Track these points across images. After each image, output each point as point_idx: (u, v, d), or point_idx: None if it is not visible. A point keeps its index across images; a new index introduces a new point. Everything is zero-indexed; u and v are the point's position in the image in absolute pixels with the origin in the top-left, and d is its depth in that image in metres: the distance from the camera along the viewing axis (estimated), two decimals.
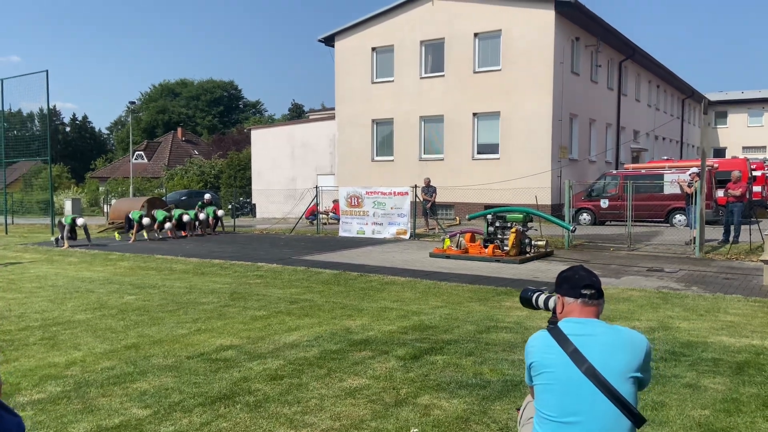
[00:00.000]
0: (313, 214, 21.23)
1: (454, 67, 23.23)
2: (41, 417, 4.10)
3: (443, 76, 23.57)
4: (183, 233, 19.25)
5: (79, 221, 16.98)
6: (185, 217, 19.18)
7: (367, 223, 17.52)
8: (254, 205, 30.61)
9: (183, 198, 33.55)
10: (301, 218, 20.81)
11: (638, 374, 2.28)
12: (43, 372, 5.10)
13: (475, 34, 22.79)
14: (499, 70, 22.30)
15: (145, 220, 18.12)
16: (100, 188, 44.74)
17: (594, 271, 2.53)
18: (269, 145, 29.88)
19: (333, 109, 28.66)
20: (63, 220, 17.11)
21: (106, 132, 79.78)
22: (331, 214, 23.10)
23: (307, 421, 4.00)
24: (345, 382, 4.75)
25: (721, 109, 46.21)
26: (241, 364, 5.29)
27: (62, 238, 16.37)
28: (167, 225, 18.49)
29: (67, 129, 70.84)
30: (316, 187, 20.32)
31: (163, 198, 27.70)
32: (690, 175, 14.38)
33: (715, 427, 3.73)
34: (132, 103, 44.18)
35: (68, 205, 27.57)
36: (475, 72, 22.88)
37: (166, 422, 3.99)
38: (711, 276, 10.17)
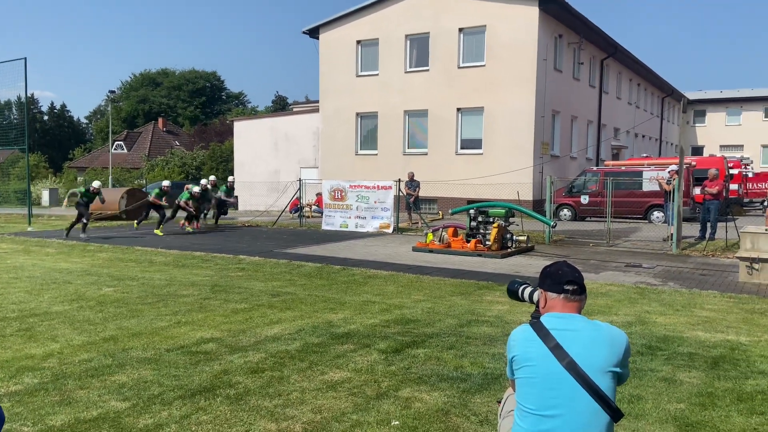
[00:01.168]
0: (296, 207, 21.16)
1: (439, 61, 23.25)
2: (18, 409, 4.05)
3: (428, 70, 23.58)
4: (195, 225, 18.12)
5: (96, 184, 16.28)
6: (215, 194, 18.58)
7: (350, 217, 17.51)
8: (236, 197, 30.38)
9: None
10: (284, 211, 20.72)
11: (617, 369, 2.31)
12: (19, 363, 5.03)
13: (460, 29, 22.82)
14: (484, 65, 22.37)
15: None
16: (79, 178, 44.08)
17: (576, 267, 2.56)
18: (252, 137, 29.68)
19: (317, 101, 28.54)
20: (77, 190, 16.40)
21: (85, 121, 78.63)
22: (314, 207, 23.04)
23: (288, 414, 3.99)
24: (326, 375, 4.76)
25: (699, 108, 46.88)
26: (222, 357, 5.27)
27: (82, 221, 15.70)
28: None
29: (45, 118, 69.58)
30: (300, 180, 20.24)
31: (144, 189, 27.37)
32: (669, 172, 14.58)
33: (690, 421, 3.81)
34: (112, 92, 43.51)
35: (45, 195, 27.14)
36: (459, 67, 22.92)
37: (145, 415, 3.96)
38: (687, 272, 10.34)
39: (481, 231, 12.73)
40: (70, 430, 3.74)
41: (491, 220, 12.67)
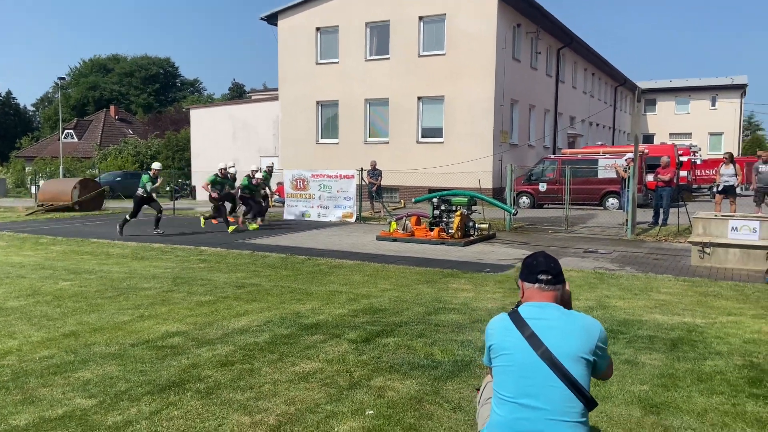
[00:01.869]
0: None
1: (400, 50, 23.23)
2: None
3: (388, 59, 23.53)
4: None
5: (156, 165, 14.42)
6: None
7: (312, 206, 17.41)
8: (194, 187, 29.82)
9: (118, 179, 32.31)
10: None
11: (590, 357, 2.36)
12: None
13: (420, 18, 22.83)
14: (444, 54, 22.46)
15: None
16: (27, 168, 42.42)
17: (555, 257, 2.60)
18: (209, 126, 29.11)
19: (276, 89, 28.15)
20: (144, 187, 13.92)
21: (32, 109, 75.52)
22: (275, 196, 22.78)
23: (261, 406, 3.96)
24: (298, 367, 4.73)
25: (650, 97, 48.26)
26: (189, 350, 5.18)
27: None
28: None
29: None
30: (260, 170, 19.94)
31: (96, 179, 26.55)
32: (626, 160, 14.99)
33: (654, 402, 3.94)
34: (61, 78, 41.86)
35: None
36: (419, 56, 22.96)
37: (113, 412, 3.86)
38: (643, 257, 10.68)
39: (444, 219, 12.84)
40: (35, 429, 3.62)
41: (454, 208, 12.79)
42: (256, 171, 15.57)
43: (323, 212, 17.23)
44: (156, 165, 14.61)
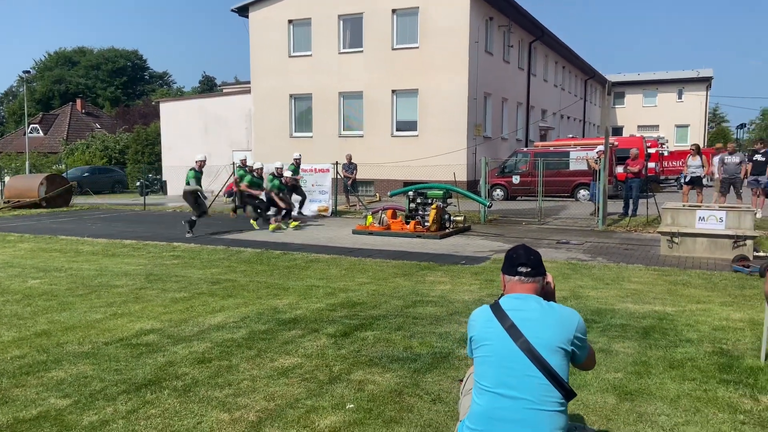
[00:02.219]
0: (230, 191, 20.66)
1: (373, 43, 23.16)
2: None
3: (362, 51, 23.45)
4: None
5: (199, 156, 13.56)
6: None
7: None
8: (165, 182, 29.36)
9: (86, 175, 31.65)
10: (217, 196, 20.21)
11: (567, 347, 2.40)
12: None
13: (393, 11, 22.78)
14: (417, 47, 22.47)
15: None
16: None
17: (536, 250, 2.64)
18: (180, 120, 28.65)
19: (248, 82, 27.84)
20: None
21: None
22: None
23: (240, 403, 3.94)
24: (276, 362, 4.71)
25: (619, 90, 49.02)
26: (165, 348, 5.12)
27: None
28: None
29: None
30: (233, 164, 19.72)
31: (64, 175, 25.96)
32: (597, 153, 15.21)
33: (628, 389, 4.03)
34: (26, 72, 40.74)
35: None
36: (393, 49, 22.92)
37: (88, 411, 3.80)
38: (614, 247, 10.87)
39: (420, 212, 12.89)
40: (10, 430, 3.54)
41: (430, 201, 12.84)
42: (281, 168, 14.51)
43: (298, 206, 17.11)
44: (199, 156, 13.53)
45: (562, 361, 2.38)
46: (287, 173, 14.75)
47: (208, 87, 66.06)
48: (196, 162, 13.49)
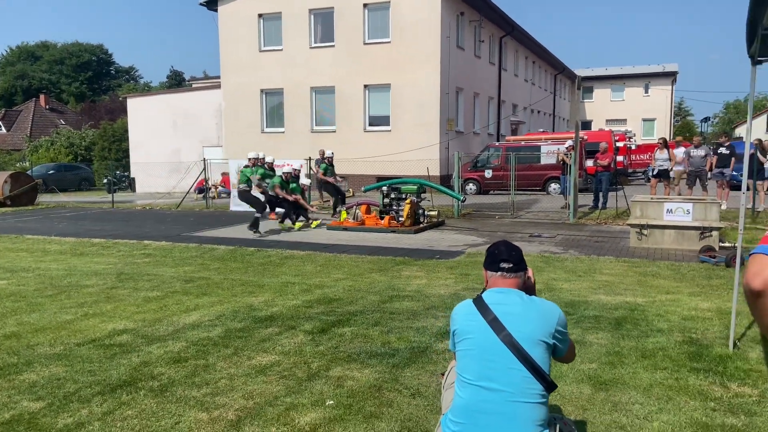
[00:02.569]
0: (201, 188, 20.43)
1: (345, 37, 23.06)
2: None
3: (333, 46, 23.33)
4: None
5: (252, 154, 12.86)
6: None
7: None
8: (133, 179, 28.84)
9: (51, 172, 30.89)
10: (188, 192, 19.94)
11: (549, 340, 2.44)
12: None
13: (365, 5, 22.71)
14: (389, 42, 22.44)
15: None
16: None
17: (517, 245, 2.66)
18: (149, 115, 28.14)
19: (218, 77, 27.46)
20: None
21: None
22: (220, 187, 22.32)
23: (218, 402, 3.90)
24: (254, 360, 4.68)
25: (587, 85, 49.71)
26: (139, 348, 5.04)
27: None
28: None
29: None
30: (205, 160, 19.49)
31: (28, 173, 25.29)
32: (567, 147, 15.44)
33: (603, 379, 4.11)
34: None
35: None
36: (365, 43, 22.86)
37: (63, 414, 3.72)
38: (585, 239, 11.06)
39: (394, 207, 12.91)
40: None
41: (404, 196, 12.88)
42: (298, 171, 13.86)
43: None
44: (252, 154, 12.95)
45: (544, 354, 2.42)
46: (305, 181, 14.00)
47: (176, 82, 64.95)
48: (249, 160, 12.91)
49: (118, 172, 29.10)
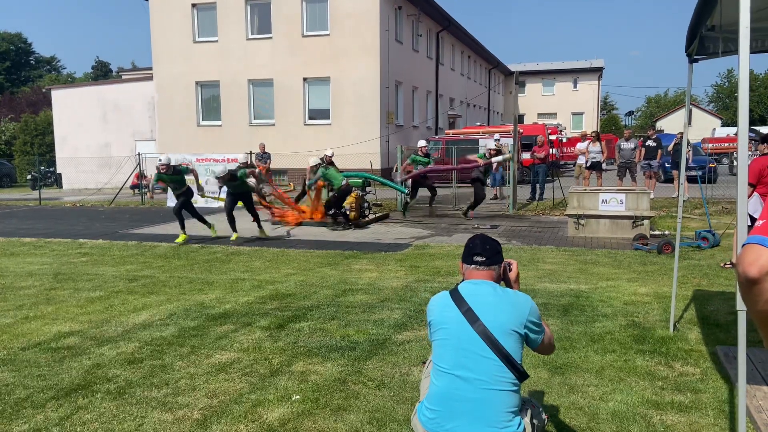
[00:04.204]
0: (136, 183, 19.71)
1: (283, 29, 22.74)
2: None
3: (271, 38, 22.96)
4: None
5: (329, 152, 12.07)
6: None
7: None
8: (60, 175, 27.46)
9: None
10: (122, 188, 19.19)
11: (520, 330, 2.54)
12: None
13: None
14: (328, 34, 22.31)
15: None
16: None
17: (493, 240, 2.72)
18: (75, 108, 26.84)
19: (148, 68, 26.51)
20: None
21: None
22: (153, 183, 21.56)
23: (181, 402, 3.83)
24: (213, 358, 4.61)
25: (520, 79, 51.06)
26: (90, 350, 4.86)
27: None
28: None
29: None
30: (139, 155, 18.80)
31: None
32: (488, 150, 15.91)
33: (557, 364, 4.30)
34: None
35: None
36: (303, 35, 22.62)
37: (17, 421, 3.56)
38: (525, 230, 11.43)
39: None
40: None
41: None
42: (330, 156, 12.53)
43: (211, 198, 16.58)
44: (328, 151, 12.36)
45: (516, 344, 2.51)
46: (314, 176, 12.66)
47: (103, 73, 62.18)
48: (326, 157, 12.27)
49: (43, 168, 27.64)
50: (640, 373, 4.11)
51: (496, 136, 17.01)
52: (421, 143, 14.58)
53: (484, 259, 2.64)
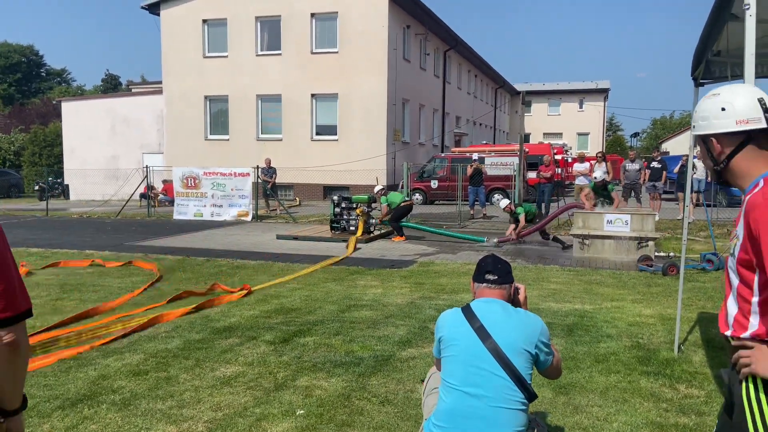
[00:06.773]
0: (144, 195, 19.84)
1: (292, 46, 23.01)
2: None
3: (280, 54, 23.23)
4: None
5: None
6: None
7: (205, 205, 16.82)
8: (67, 186, 27.66)
9: None
10: (128, 200, 19.30)
11: (531, 350, 2.56)
12: None
13: (312, 14, 22.75)
14: (337, 52, 22.55)
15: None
16: None
17: (504, 259, 2.78)
18: (84, 120, 27.11)
19: (158, 82, 26.82)
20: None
21: None
22: (161, 196, 21.72)
23: (186, 414, 3.85)
24: (218, 372, 4.63)
25: (526, 99, 51.38)
26: (95, 361, 4.89)
27: None
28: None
29: None
30: (147, 167, 18.94)
31: None
32: (470, 164, 16.23)
33: (562, 383, 4.29)
34: None
35: None
36: (312, 52, 22.88)
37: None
38: (530, 249, 11.43)
39: (345, 217, 12.95)
40: None
41: (354, 206, 12.94)
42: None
43: (217, 211, 16.70)
44: (379, 187, 12.53)
45: (526, 364, 2.53)
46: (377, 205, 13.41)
47: (112, 86, 62.80)
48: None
49: (50, 179, 27.83)
50: (644, 394, 4.10)
51: (475, 155, 17.61)
52: (378, 188, 13.86)
53: (496, 277, 2.67)
